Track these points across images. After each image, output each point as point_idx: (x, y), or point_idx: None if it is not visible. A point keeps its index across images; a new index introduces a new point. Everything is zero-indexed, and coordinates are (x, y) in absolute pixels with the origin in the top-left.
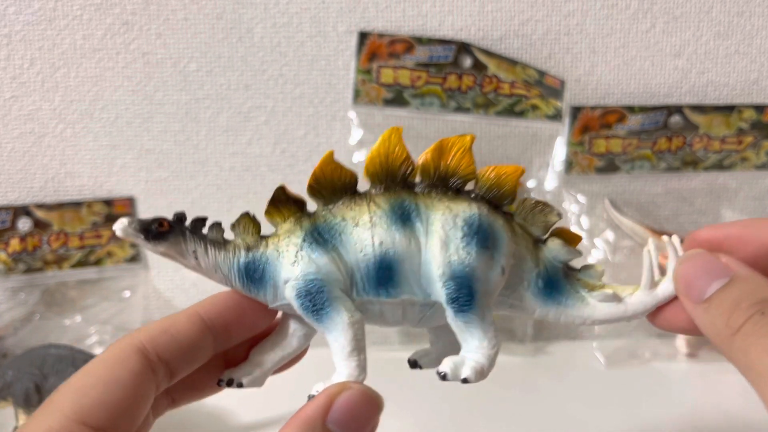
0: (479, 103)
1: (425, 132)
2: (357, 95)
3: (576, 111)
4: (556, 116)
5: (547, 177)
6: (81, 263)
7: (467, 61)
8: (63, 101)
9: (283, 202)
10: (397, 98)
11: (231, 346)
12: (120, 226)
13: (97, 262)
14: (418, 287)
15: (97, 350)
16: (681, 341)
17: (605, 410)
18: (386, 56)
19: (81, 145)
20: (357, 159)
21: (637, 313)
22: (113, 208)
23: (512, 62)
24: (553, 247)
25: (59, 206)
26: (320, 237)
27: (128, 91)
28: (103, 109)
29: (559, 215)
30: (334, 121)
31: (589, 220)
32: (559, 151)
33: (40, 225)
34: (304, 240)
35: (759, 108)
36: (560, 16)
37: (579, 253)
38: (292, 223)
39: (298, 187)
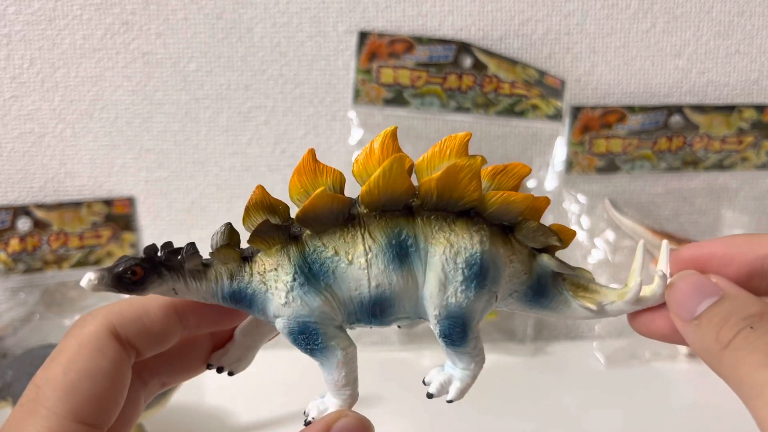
0: (479, 102)
1: (425, 132)
2: (357, 95)
3: (576, 111)
4: (557, 116)
5: (548, 177)
6: (81, 263)
7: (467, 61)
8: (63, 101)
9: (266, 231)
10: (397, 98)
11: (201, 333)
12: (86, 281)
13: (97, 262)
14: (412, 314)
15: None
16: None
17: (605, 410)
18: (386, 56)
19: (81, 145)
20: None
21: (616, 315)
22: (113, 208)
23: (512, 62)
24: (546, 261)
25: (59, 206)
26: (311, 274)
27: (128, 91)
28: (103, 109)
29: (560, 241)
30: (334, 120)
31: (590, 219)
32: (560, 151)
33: (39, 225)
34: (294, 279)
35: (759, 108)
36: (560, 15)
37: (571, 269)
38: (278, 249)
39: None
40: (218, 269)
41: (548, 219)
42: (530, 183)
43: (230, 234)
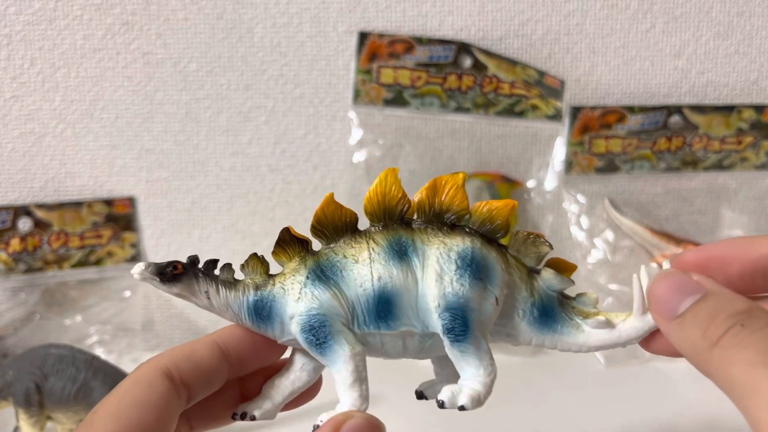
0: (479, 103)
1: (425, 132)
2: (357, 95)
3: (576, 111)
4: (556, 116)
5: (547, 177)
6: (81, 263)
7: (467, 61)
8: (63, 101)
9: (288, 243)
10: (397, 98)
11: (244, 374)
12: (137, 270)
13: (98, 262)
14: (416, 319)
15: (98, 350)
16: None
17: (605, 410)
18: (386, 56)
19: (81, 145)
20: (357, 159)
21: (630, 339)
22: (113, 208)
23: (512, 62)
24: (547, 277)
25: (59, 206)
26: (323, 274)
27: (128, 91)
28: (104, 109)
29: (551, 246)
30: (334, 121)
31: (589, 220)
32: (559, 151)
33: (40, 225)
34: (307, 277)
35: (758, 108)
36: (560, 16)
37: (572, 282)
38: (297, 262)
39: (298, 188)
40: (246, 282)
41: (548, 219)
42: (530, 183)
43: (261, 259)
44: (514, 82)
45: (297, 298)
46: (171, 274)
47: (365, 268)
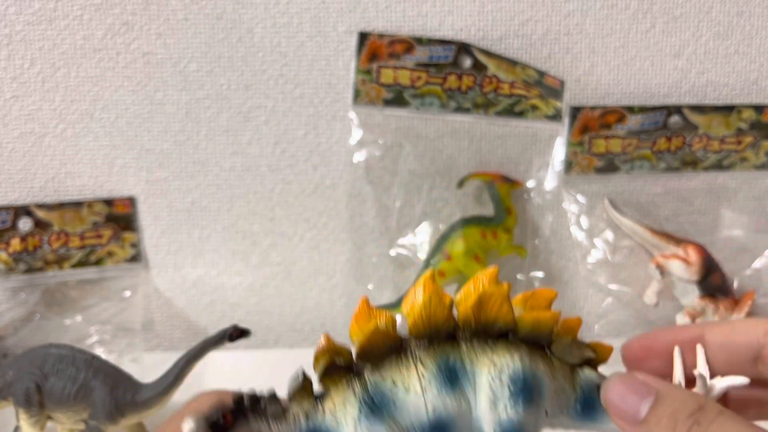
0: (479, 103)
1: (425, 132)
2: (357, 95)
3: (576, 111)
4: (556, 116)
5: (547, 177)
6: (81, 263)
7: (467, 62)
8: (63, 101)
9: (331, 366)
10: (397, 98)
11: None
12: (187, 428)
13: (98, 262)
14: None
15: (98, 350)
16: None
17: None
18: (386, 56)
19: (81, 145)
20: (357, 159)
21: None
22: (114, 207)
23: (512, 62)
24: (589, 374)
25: (60, 206)
26: (374, 405)
27: (128, 91)
28: (104, 109)
29: (594, 350)
30: (335, 121)
31: (589, 220)
32: (559, 151)
33: (40, 225)
34: (360, 411)
35: (758, 108)
36: (560, 16)
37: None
38: (344, 386)
39: (298, 188)
40: (295, 411)
41: (548, 219)
42: (530, 183)
43: (304, 380)
44: (514, 82)
45: None
46: (223, 426)
47: (418, 398)
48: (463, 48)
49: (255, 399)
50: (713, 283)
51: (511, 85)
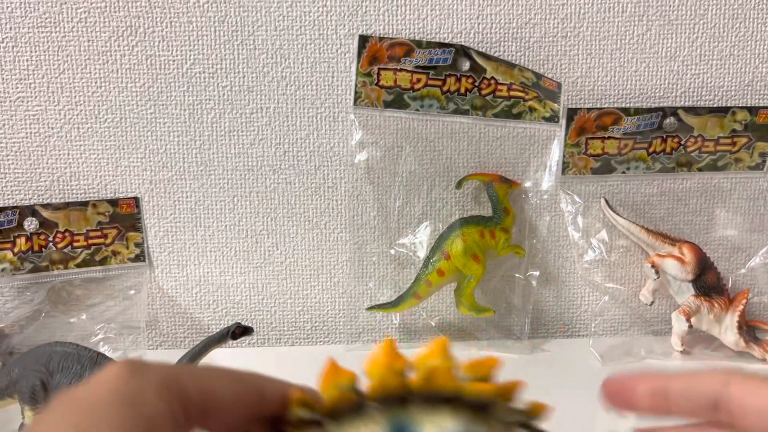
0: (477, 105)
1: (425, 133)
2: (358, 97)
3: (572, 113)
4: (553, 118)
5: (544, 178)
6: (86, 262)
7: (466, 64)
8: (69, 103)
9: (301, 424)
10: (397, 100)
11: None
12: None
13: (102, 262)
14: None
15: (103, 348)
16: (675, 338)
17: (601, 407)
18: (386, 59)
19: (86, 146)
20: (358, 160)
21: None
22: (118, 208)
23: (510, 65)
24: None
25: (65, 206)
26: None
27: (133, 93)
28: (108, 111)
29: (527, 412)
30: (335, 122)
31: (585, 220)
32: (556, 152)
33: (46, 225)
34: None
35: (752, 110)
36: (557, 19)
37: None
38: None
39: (300, 188)
40: None
41: (545, 219)
42: (527, 184)
43: None
44: (512, 84)
45: None
46: None
47: None
48: (462, 51)
49: None
50: (708, 282)
51: (508, 87)
